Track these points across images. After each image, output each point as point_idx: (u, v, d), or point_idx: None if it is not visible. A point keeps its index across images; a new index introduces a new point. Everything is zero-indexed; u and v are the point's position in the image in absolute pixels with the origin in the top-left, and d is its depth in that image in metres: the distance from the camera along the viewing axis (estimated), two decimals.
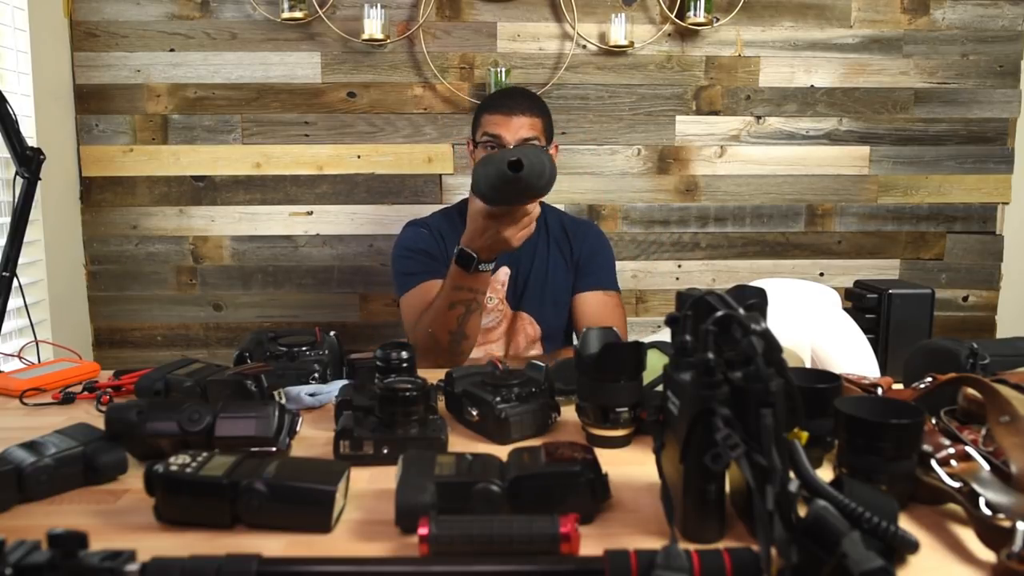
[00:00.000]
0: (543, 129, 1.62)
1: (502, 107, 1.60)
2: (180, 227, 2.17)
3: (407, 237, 1.68)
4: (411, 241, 1.66)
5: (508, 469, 0.71)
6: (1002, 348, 1.06)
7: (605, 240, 1.77)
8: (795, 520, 0.57)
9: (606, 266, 1.72)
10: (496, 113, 1.59)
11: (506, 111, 1.59)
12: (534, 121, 1.59)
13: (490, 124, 1.59)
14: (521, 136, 1.57)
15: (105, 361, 1.90)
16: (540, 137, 1.60)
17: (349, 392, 0.92)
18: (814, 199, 2.25)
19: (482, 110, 1.64)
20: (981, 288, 2.31)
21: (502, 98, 1.65)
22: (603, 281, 1.69)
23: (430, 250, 1.63)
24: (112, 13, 2.08)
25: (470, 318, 1.37)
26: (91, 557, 0.53)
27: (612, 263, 1.74)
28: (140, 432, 0.82)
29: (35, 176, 1.37)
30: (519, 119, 1.58)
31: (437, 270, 1.55)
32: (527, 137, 1.57)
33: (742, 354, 0.61)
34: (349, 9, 2.08)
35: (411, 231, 1.69)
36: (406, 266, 1.62)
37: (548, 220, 1.73)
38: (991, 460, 0.73)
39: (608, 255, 1.74)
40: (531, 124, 1.58)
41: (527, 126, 1.58)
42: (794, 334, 1.06)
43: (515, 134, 1.57)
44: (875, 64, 2.19)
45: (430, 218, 1.73)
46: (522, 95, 1.66)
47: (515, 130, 1.57)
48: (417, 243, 1.65)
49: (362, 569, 0.59)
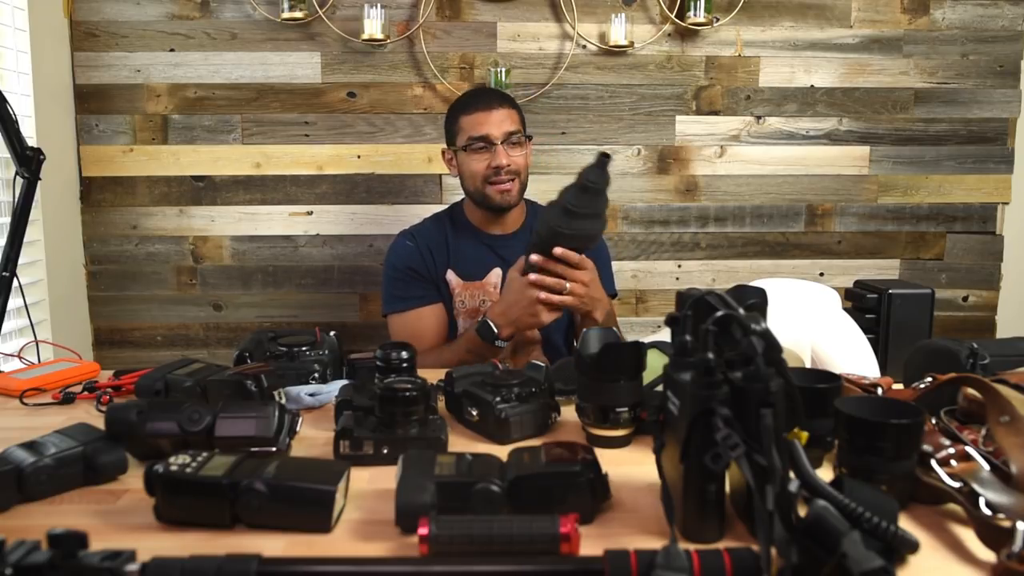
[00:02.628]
0: (520, 120, 1.62)
1: (479, 104, 1.59)
2: (180, 227, 2.17)
3: (395, 254, 1.67)
4: (399, 259, 1.66)
5: (508, 469, 0.71)
6: (1002, 348, 1.06)
7: (603, 243, 1.77)
8: (795, 520, 0.57)
9: (604, 271, 1.71)
10: (475, 112, 1.58)
11: (484, 107, 1.58)
12: (511, 112, 1.59)
13: (473, 125, 1.57)
14: (506, 129, 1.56)
15: (105, 361, 1.89)
16: (520, 129, 1.60)
17: (349, 392, 0.93)
18: (814, 199, 2.25)
19: (457, 114, 1.62)
20: (981, 288, 2.31)
21: (473, 98, 1.64)
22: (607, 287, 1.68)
23: (418, 269, 1.63)
24: (112, 13, 2.08)
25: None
26: (91, 557, 0.53)
27: (610, 266, 1.74)
28: (140, 432, 0.82)
29: (35, 176, 1.37)
30: (499, 112, 1.57)
31: (423, 293, 1.61)
32: (511, 130, 1.57)
33: (742, 354, 0.61)
34: (349, 9, 2.08)
35: (400, 246, 1.68)
36: (394, 286, 1.64)
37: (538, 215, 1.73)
38: (991, 460, 0.73)
39: (606, 258, 1.73)
40: (510, 116, 1.59)
41: (508, 119, 1.58)
42: (794, 334, 1.06)
43: (499, 127, 1.56)
44: (875, 64, 2.19)
45: (421, 227, 1.71)
46: (493, 92, 1.66)
47: (498, 123, 1.56)
48: (405, 261, 1.65)
49: (362, 569, 0.59)
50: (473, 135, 1.57)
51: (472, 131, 1.57)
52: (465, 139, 1.59)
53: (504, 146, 1.56)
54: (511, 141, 1.57)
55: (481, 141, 1.57)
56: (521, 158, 1.59)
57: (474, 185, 1.60)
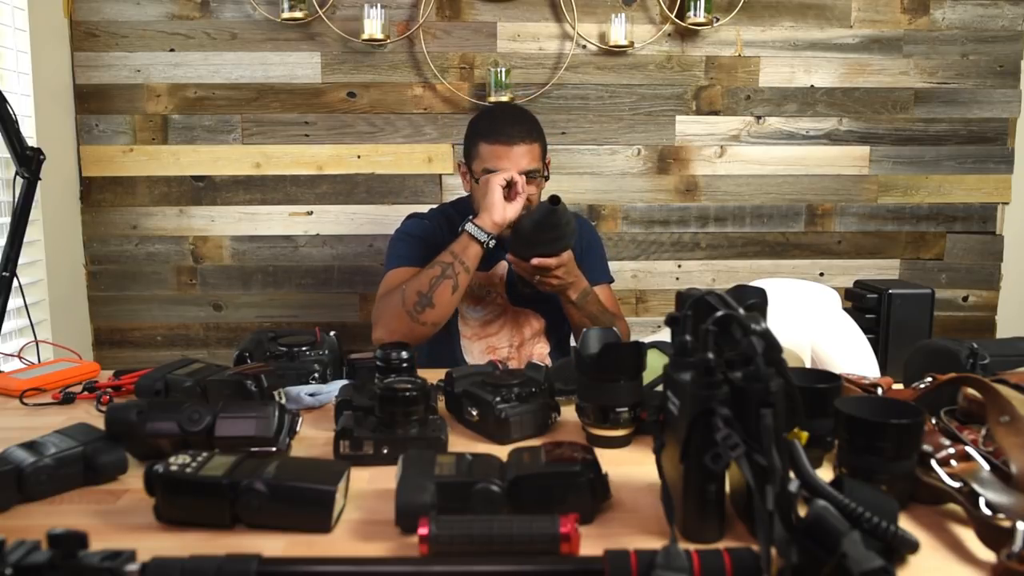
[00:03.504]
0: (540, 154, 1.57)
1: (501, 136, 1.52)
2: (180, 227, 2.17)
3: (408, 224, 1.69)
4: (411, 228, 1.67)
5: (508, 469, 0.71)
6: (1002, 348, 1.06)
7: (596, 233, 1.82)
8: (795, 520, 0.57)
9: (601, 258, 1.76)
10: (496, 143, 1.52)
11: (506, 140, 1.52)
12: (532, 148, 1.54)
13: (491, 158, 1.52)
14: (522, 167, 1.51)
15: (105, 361, 1.90)
16: (539, 164, 1.56)
17: (349, 392, 0.93)
18: (814, 199, 2.25)
19: (478, 138, 1.55)
20: (981, 288, 2.31)
21: (499, 124, 1.55)
22: (603, 274, 1.73)
23: (427, 237, 1.62)
24: (112, 13, 2.08)
25: (442, 283, 1.43)
26: (91, 557, 0.53)
27: (603, 254, 1.79)
28: (140, 432, 0.82)
29: (35, 176, 1.37)
30: (519, 148, 1.51)
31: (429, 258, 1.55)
32: (529, 169, 1.52)
33: (742, 354, 0.61)
34: (349, 9, 2.08)
35: (413, 220, 1.69)
36: (399, 248, 1.63)
37: None
38: (991, 460, 0.73)
39: (601, 248, 1.78)
40: (530, 152, 1.53)
41: (528, 155, 1.52)
42: (794, 334, 1.06)
43: (516, 165, 1.51)
44: (875, 64, 2.19)
45: (432, 213, 1.73)
46: (518, 119, 1.58)
47: (516, 160, 1.51)
48: (416, 230, 1.65)
49: (362, 569, 0.59)
50: (489, 167, 1.52)
51: (489, 163, 1.52)
52: (481, 170, 1.54)
53: None
54: (528, 176, 1.52)
55: None
56: (535, 194, 1.56)
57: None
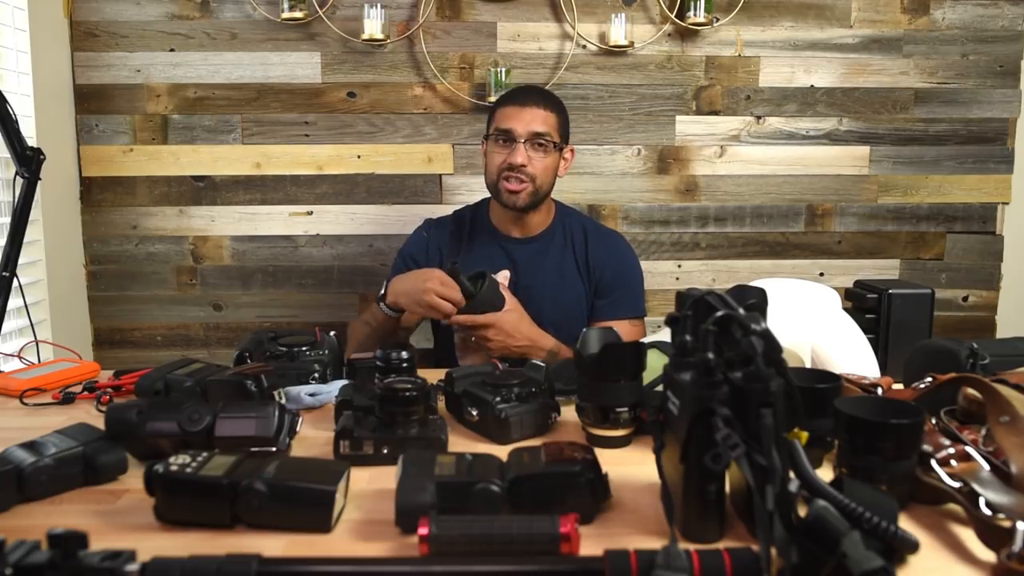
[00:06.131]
0: (557, 126, 1.56)
1: (515, 99, 1.57)
2: (180, 227, 2.17)
3: (410, 242, 1.70)
4: (408, 247, 1.69)
5: (508, 469, 0.71)
6: (1002, 348, 1.06)
7: (634, 258, 1.68)
8: (795, 520, 0.57)
9: (634, 290, 1.64)
10: (509, 105, 1.55)
11: (519, 102, 1.55)
12: (547, 115, 1.55)
13: (502, 118, 1.55)
14: (532, 128, 1.52)
15: (105, 361, 1.89)
16: (553, 133, 1.55)
17: (349, 392, 0.93)
18: (814, 199, 2.25)
19: (497, 105, 1.60)
20: (981, 288, 2.31)
21: (517, 92, 1.63)
22: (630, 308, 1.62)
23: (420, 262, 1.63)
24: (112, 13, 2.08)
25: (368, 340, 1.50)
26: (91, 557, 0.53)
27: (640, 285, 1.66)
28: (140, 432, 0.82)
29: (35, 176, 1.37)
30: (531, 111, 1.53)
31: None
32: (539, 131, 1.52)
33: (742, 354, 0.61)
34: (349, 9, 2.07)
35: (415, 237, 1.70)
36: (393, 268, 1.67)
37: (567, 223, 1.67)
38: (991, 460, 0.73)
39: (636, 276, 1.66)
40: (544, 118, 1.54)
41: (540, 119, 1.53)
42: (794, 334, 1.06)
43: (527, 126, 1.52)
44: (875, 64, 2.19)
45: (441, 221, 1.72)
46: (538, 91, 1.64)
47: (527, 122, 1.52)
48: (412, 250, 1.67)
49: (362, 569, 0.59)
50: (499, 127, 1.55)
51: (499, 123, 1.55)
52: (492, 129, 1.57)
53: (526, 145, 1.52)
54: (536, 142, 1.53)
55: (504, 135, 1.54)
56: (541, 162, 1.54)
57: (490, 178, 1.59)
